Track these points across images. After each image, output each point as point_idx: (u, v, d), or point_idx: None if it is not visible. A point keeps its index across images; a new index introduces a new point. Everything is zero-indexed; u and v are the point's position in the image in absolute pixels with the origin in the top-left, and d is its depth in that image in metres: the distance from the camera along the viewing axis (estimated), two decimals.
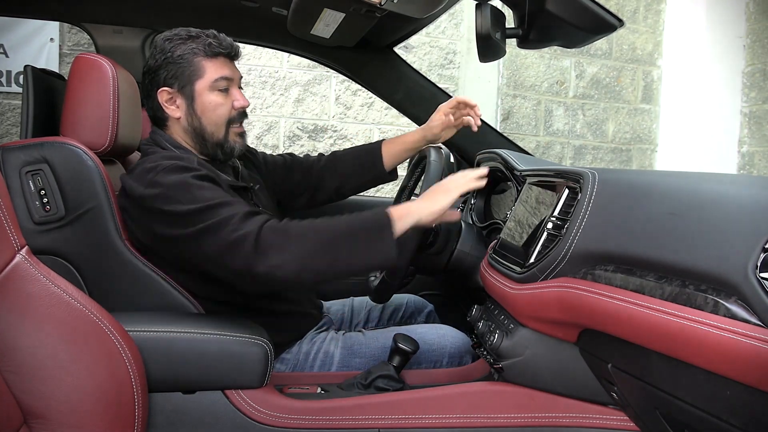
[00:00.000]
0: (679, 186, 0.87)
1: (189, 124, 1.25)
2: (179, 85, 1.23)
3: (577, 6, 1.24)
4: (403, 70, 1.86)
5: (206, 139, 1.26)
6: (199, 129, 1.25)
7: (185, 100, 1.24)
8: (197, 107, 1.24)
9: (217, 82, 1.24)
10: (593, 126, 4.09)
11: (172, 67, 1.22)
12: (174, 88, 1.24)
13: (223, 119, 1.26)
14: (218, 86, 1.24)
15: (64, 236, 1.17)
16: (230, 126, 1.27)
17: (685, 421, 0.81)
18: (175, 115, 1.25)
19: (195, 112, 1.24)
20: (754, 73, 3.93)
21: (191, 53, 1.22)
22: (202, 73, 1.23)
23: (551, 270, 0.96)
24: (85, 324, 0.88)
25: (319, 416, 1.06)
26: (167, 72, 1.23)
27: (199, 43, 1.22)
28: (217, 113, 1.25)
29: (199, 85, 1.23)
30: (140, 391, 0.92)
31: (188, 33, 1.24)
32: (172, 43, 1.23)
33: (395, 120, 3.57)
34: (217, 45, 1.23)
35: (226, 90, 1.25)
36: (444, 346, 1.33)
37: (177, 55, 1.22)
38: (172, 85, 1.24)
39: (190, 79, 1.23)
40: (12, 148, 1.18)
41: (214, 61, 1.24)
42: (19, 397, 0.83)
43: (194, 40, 1.23)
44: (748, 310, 0.66)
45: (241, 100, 1.27)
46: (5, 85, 2.96)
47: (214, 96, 1.24)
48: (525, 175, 1.28)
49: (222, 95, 1.25)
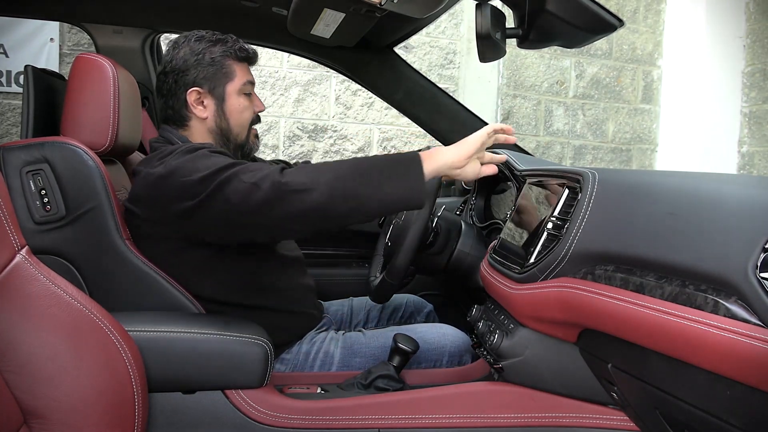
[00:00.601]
0: (679, 186, 0.87)
1: (216, 125, 1.29)
2: (210, 86, 1.26)
3: (577, 6, 1.24)
4: (403, 70, 1.86)
5: (230, 140, 1.30)
6: (226, 130, 1.29)
7: (215, 101, 1.28)
8: (226, 108, 1.28)
9: (245, 85, 1.29)
10: (593, 126, 4.09)
11: (203, 69, 1.25)
12: (204, 89, 1.26)
13: (248, 121, 1.32)
14: (245, 90, 1.29)
15: (65, 236, 1.17)
16: (250, 128, 1.33)
17: (685, 421, 0.81)
18: (201, 116, 1.28)
19: (224, 114, 1.28)
20: (754, 73, 3.93)
21: (222, 56, 1.26)
22: (233, 76, 1.27)
23: (551, 270, 0.96)
24: (85, 324, 0.88)
25: (319, 416, 1.06)
26: (198, 73, 1.25)
27: (228, 47, 1.26)
28: (244, 116, 1.30)
29: (230, 87, 1.27)
30: (140, 391, 0.92)
31: (214, 35, 1.27)
32: (201, 44, 1.25)
33: (395, 120, 3.57)
34: (244, 49, 1.28)
35: (249, 94, 1.31)
36: (444, 346, 1.33)
37: (209, 57, 1.25)
38: (202, 85, 1.26)
39: (221, 82, 1.27)
40: (12, 148, 1.18)
41: (242, 66, 1.29)
42: (19, 397, 0.83)
43: (223, 43, 1.27)
44: (748, 310, 0.66)
45: (259, 104, 1.34)
46: (5, 85, 2.96)
47: (242, 99, 1.29)
48: (525, 175, 1.28)
49: (247, 99, 1.30)
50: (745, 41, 3.99)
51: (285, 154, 3.42)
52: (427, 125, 1.90)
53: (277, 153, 3.41)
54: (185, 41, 1.27)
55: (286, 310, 1.30)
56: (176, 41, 1.28)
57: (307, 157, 3.46)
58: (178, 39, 1.29)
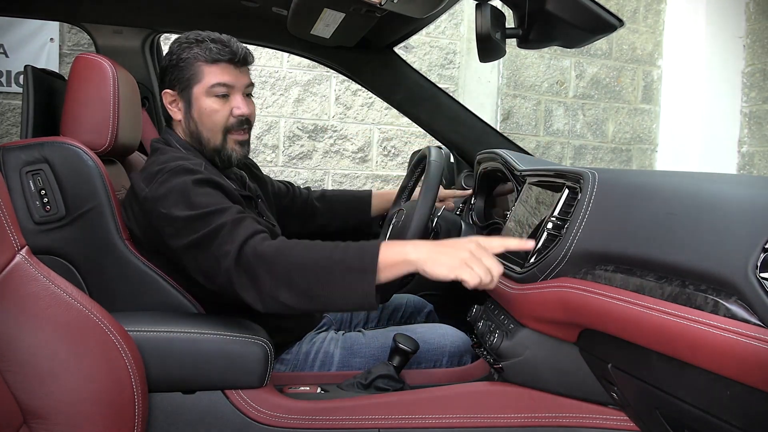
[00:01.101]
0: (679, 186, 0.87)
1: (187, 128, 1.27)
2: (180, 88, 1.25)
3: (577, 6, 1.24)
4: (403, 70, 1.86)
5: (203, 144, 1.26)
6: (196, 133, 1.26)
7: (184, 103, 1.26)
8: (194, 112, 1.25)
9: (213, 87, 1.23)
10: (593, 126, 4.09)
11: (175, 70, 1.24)
12: (176, 91, 1.26)
13: (218, 126, 1.25)
14: (215, 92, 1.23)
15: (65, 236, 1.17)
16: (228, 133, 1.26)
17: (685, 421, 0.81)
18: (176, 117, 1.28)
19: (192, 117, 1.26)
20: (754, 73, 3.93)
21: (193, 58, 1.23)
22: (200, 78, 1.23)
23: (551, 270, 0.96)
24: (85, 324, 0.88)
25: (319, 416, 1.05)
26: (171, 74, 1.25)
27: (202, 48, 1.23)
28: (213, 119, 1.24)
29: (197, 89, 1.24)
30: (140, 391, 0.92)
31: (196, 37, 1.25)
32: (180, 47, 1.24)
33: (395, 120, 3.57)
34: (217, 51, 1.22)
35: (225, 96, 1.24)
36: (444, 346, 1.33)
37: (182, 58, 1.23)
38: (174, 87, 1.26)
39: (188, 83, 1.24)
40: (12, 148, 1.18)
41: (213, 67, 1.23)
42: (19, 397, 0.83)
43: (199, 45, 1.23)
44: (748, 310, 0.66)
45: (242, 107, 1.25)
46: (5, 85, 2.95)
47: (210, 101, 1.24)
48: (525, 175, 1.28)
49: (219, 101, 1.24)
50: (745, 41, 3.99)
51: (285, 154, 3.42)
52: (427, 125, 1.90)
53: (277, 153, 3.41)
54: (174, 42, 1.26)
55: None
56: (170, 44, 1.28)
57: (307, 157, 3.46)
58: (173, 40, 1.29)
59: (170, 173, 1.12)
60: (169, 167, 1.13)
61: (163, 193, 1.10)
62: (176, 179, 1.11)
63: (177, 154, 1.21)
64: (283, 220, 1.58)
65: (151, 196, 1.11)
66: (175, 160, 1.16)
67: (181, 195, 1.09)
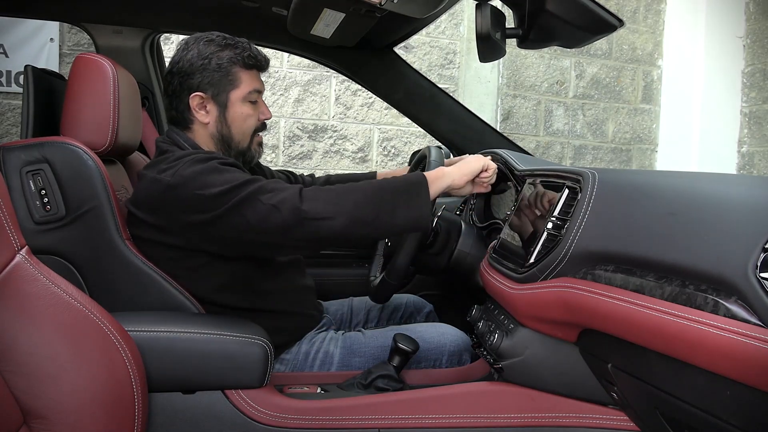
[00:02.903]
0: (679, 186, 0.87)
1: (217, 131, 1.27)
2: (214, 92, 1.24)
3: (577, 6, 1.24)
4: (403, 70, 1.86)
5: (231, 146, 1.28)
6: (227, 137, 1.27)
7: (218, 107, 1.25)
8: (228, 115, 1.26)
9: (250, 94, 1.26)
10: (593, 126, 4.09)
11: (208, 74, 1.23)
12: (207, 94, 1.24)
13: (251, 129, 1.29)
14: (250, 98, 1.27)
15: (65, 236, 1.17)
16: (254, 136, 1.30)
17: (685, 421, 0.81)
18: (203, 120, 1.26)
19: (226, 121, 1.26)
20: (754, 73, 3.93)
21: (229, 62, 1.23)
22: (239, 83, 1.25)
23: (551, 270, 0.96)
24: (85, 324, 0.88)
25: (319, 416, 1.06)
26: (203, 77, 1.23)
27: (236, 53, 1.23)
28: (247, 124, 1.28)
29: (234, 95, 1.25)
30: (140, 391, 0.92)
31: (225, 40, 1.25)
32: (209, 48, 1.23)
33: (395, 120, 3.57)
34: (254, 56, 1.25)
35: (255, 102, 1.28)
36: (443, 345, 1.33)
37: (215, 62, 1.22)
38: (206, 90, 1.24)
39: (225, 88, 1.24)
40: (12, 148, 1.18)
41: (250, 73, 1.26)
42: (19, 397, 0.83)
43: (232, 48, 1.24)
44: (748, 310, 0.66)
45: (266, 112, 1.31)
46: (5, 85, 2.96)
47: (246, 107, 1.27)
48: (525, 175, 1.28)
49: (252, 107, 1.28)
50: (745, 41, 3.99)
51: (285, 154, 3.42)
52: (427, 125, 1.90)
53: (277, 153, 3.42)
54: (195, 43, 1.24)
55: (285, 311, 1.29)
56: (186, 42, 1.26)
57: (307, 157, 3.46)
58: (188, 40, 1.26)
59: (191, 161, 1.13)
60: (189, 157, 1.14)
61: (190, 176, 1.10)
62: (200, 164, 1.12)
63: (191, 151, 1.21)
64: None
65: (177, 181, 1.10)
66: (191, 154, 1.17)
67: (211, 173, 1.11)
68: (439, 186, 1.17)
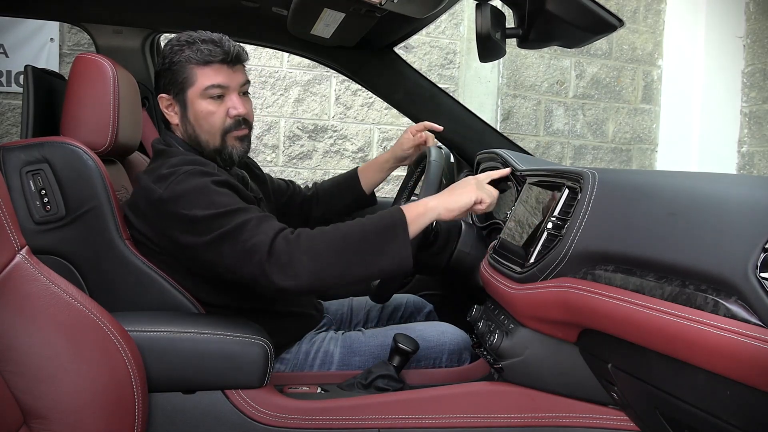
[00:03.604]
0: (679, 186, 0.87)
1: (185, 131, 1.25)
2: (174, 92, 1.23)
3: (577, 6, 1.24)
4: (403, 70, 1.86)
5: (202, 146, 1.25)
6: (194, 136, 1.24)
7: (180, 107, 1.24)
8: (190, 115, 1.23)
9: (207, 89, 1.20)
10: (593, 126, 4.09)
11: (168, 74, 1.22)
12: (170, 95, 1.24)
13: (216, 128, 1.23)
14: (210, 94, 1.21)
15: (65, 236, 1.17)
16: (226, 135, 1.24)
17: (685, 421, 0.81)
18: (174, 122, 1.26)
19: (188, 120, 1.23)
20: (754, 73, 3.93)
21: (185, 60, 1.20)
22: (194, 80, 1.21)
23: (551, 270, 0.96)
24: (85, 324, 0.88)
25: (319, 416, 1.06)
26: (165, 78, 1.23)
27: (193, 50, 1.20)
28: (210, 122, 1.22)
29: (191, 92, 1.22)
30: (140, 391, 0.92)
31: (187, 39, 1.22)
32: (172, 49, 1.22)
33: (395, 120, 3.57)
34: (209, 52, 1.19)
35: (220, 97, 1.22)
36: (443, 344, 1.33)
37: (174, 62, 1.21)
38: (169, 91, 1.24)
39: (182, 87, 1.22)
40: (12, 148, 1.18)
41: (206, 69, 1.20)
42: (19, 397, 0.83)
43: (190, 47, 1.20)
44: (748, 310, 0.66)
45: (238, 107, 1.23)
46: (5, 85, 2.96)
47: (205, 104, 1.21)
48: (525, 175, 1.28)
49: (215, 103, 1.22)
50: (745, 41, 3.99)
51: (285, 154, 3.42)
52: None
53: (277, 153, 3.41)
54: (166, 45, 1.24)
55: (285, 312, 1.30)
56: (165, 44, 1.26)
57: (307, 157, 3.46)
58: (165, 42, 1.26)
59: (186, 174, 1.11)
60: (184, 169, 1.12)
61: (180, 193, 1.09)
62: (194, 180, 1.10)
63: (188, 157, 1.19)
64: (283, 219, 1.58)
65: (168, 196, 1.09)
66: (189, 163, 1.15)
67: (202, 194, 1.09)
68: (420, 224, 1.09)
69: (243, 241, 1.03)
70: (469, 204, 1.12)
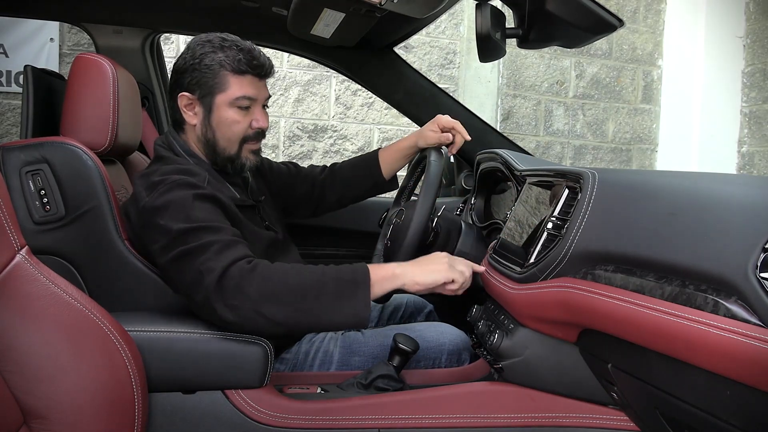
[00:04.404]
0: (679, 186, 0.87)
1: (203, 134, 1.25)
2: (200, 93, 1.22)
3: (577, 6, 1.24)
4: (403, 70, 1.86)
5: (218, 152, 1.25)
6: (212, 141, 1.24)
7: (203, 109, 1.23)
8: (213, 120, 1.23)
9: (238, 99, 1.21)
10: (593, 126, 4.09)
11: (197, 74, 1.20)
12: (195, 95, 1.22)
13: (237, 136, 1.24)
14: (240, 104, 1.22)
15: (64, 236, 1.17)
16: (244, 143, 1.26)
17: (686, 422, 0.81)
18: (191, 122, 1.25)
19: (210, 124, 1.23)
20: (754, 73, 3.93)
21: (218, 65, 1.19)
22: (226, 87, 1.20)
23: (551, 270, 0.96)
24: (85, 324, 0.88)
25: (319, 416, 1.05)
26: (192, 77, 1.21)
27: (230, 56, 1.19)
28: (233, 130, 1.23)
29: (220, 98, 1.21)
30: (140, 391, 0.92)
31: (222, 42, 1.21)
32: (203, 48, 1.20)
33: (395, 120, 3.57)
34: (246, 63, 1.19)
35: (247, 108, 1.23)
36: (443, 344, 1.33)
37: (205, 63, 1.19)
38: (193, 91, 1.22)
39: (211, 91, 1.21)
40: (12, 148, 1.18)
41: (241, 78, 1.21)
42: (19, 397, 0.83)
43: (225, 51, 1.19)
44: (748, 310, 0.66)
45: (261, 120, 1.25)
46: (5, 85, 2.96)
47: (232, 112, 1.22)
48: (525, 175, 1.28)
49: (241, 113, 1.23)
50: (745, 41, 3.99)
51: (285, 154, 3.42)
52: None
53: (277, 153, 3.42)
54: (194, 41, 1.23)
55: None
56: (189, 41, 1.24)
57: (307, 157, 3.46)
58: (192, 39, 1.25)
59: (171, 185, 1.11)
60: (171, 179, 1.12)
61: (161, 204, 1.08)
62: (177, 192, 1.10)
63: (181, 166, 1.19)
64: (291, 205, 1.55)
65: (150, 205, 1.09)
66: (179, 173, 1.15)
67: (180, 208, 1.08)
68: (384, 288, 1.05)
69: (200, 263, 1.01)
70: (438, 283, 1.08)
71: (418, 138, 1.50)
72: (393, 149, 1.56)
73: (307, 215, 1.61)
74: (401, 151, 1.55)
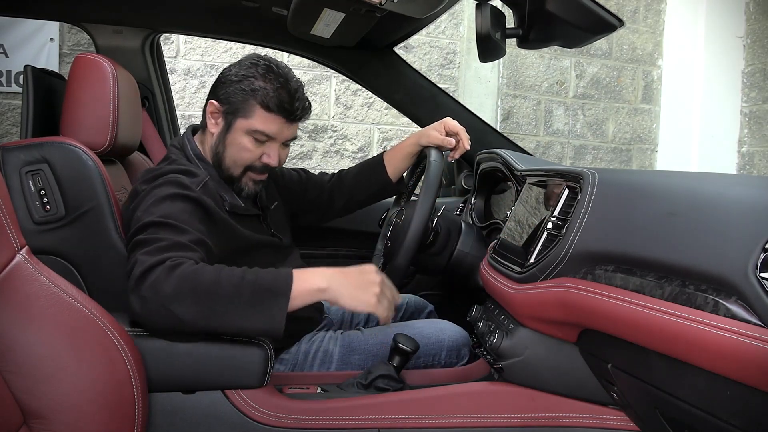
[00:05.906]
0: (679, 186, 0.87)
1: (215, 145, 1.27)
2: (227, 109, 1.24)
3: (577, 6, 1.24)
4: (403, 70, 1.86)
5: (222, 168, 1.27)
6: (220, 155, 1.26)
7: (224, 124, 1.25)
8: (228, 138, 1.25)
9: (256, 132, 1.23)
10: (593, 126, 4.09)
11: (231, 90, 1.22)
12: (222, 108, 1.25)
13: (243, 162, 1.25)
14: (255, 136, 1.23)
15: (64, 236, 1.17)
16: (248, 171, 1.27)
17: (686, 422, 0.81)
18: (211, 129, 1.27)
19: (224, 140, 1.25)
20: (754, 73, 3.93)
21: (251, 92, 1.21)
22: (250, 115, 1.22)
23: (551, 270, 0.96)
24: (85, 324, 0.88)
25: (319, 416, 1.05)
26: (226, 91, 1.23)
27: (266, 89, 1.20)
28: (241, 155, 1.25)
29: (241, 122, 1.23)
30: (140, 391, 0.92)
31: (267, 71, 1.22)
32: (248, 70, 1.22)
33: (395, 120, 3.57)
34: (275, 103, 1.21)
35: (263, 142, 1.24)
36: (442, 340, 1.33)
37: (241, 85, 1.21)
38: (222, 103, 1.24)
39: (236, 112, 1.23)
40: (12, 148, 1.18)
41: (266, 114, 1.22)
42: (19, 397, 0.83)
43: (265, 82, 1.21)
44: (748, 310, 0.66)
45: (272, 158, 1.26)
46: (5, 85, 2.96)
47: (246, 140, 1.23)
48: (525, 175, 1.28)
49: (255, 144, 1.24)
50: (745, 41, 3.99)
51: None
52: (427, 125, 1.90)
53: None
54: (248, 58, 1.25)
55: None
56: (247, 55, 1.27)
57: (307, 157, 3.46)
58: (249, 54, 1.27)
59: (163, 180, 1.14)
60: (168, 177, 1.14)
61: (148, 198, 1.11)
62: (165, 188, 1.12)
63: (181, 167, 1.21)
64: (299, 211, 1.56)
65: (141, 196, 1.13)
66: (176, 172, 1.17)
67: (158, 202, 1.09)
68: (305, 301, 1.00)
69: (140, 254, 0.99)
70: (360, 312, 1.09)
71: (420, 136, 1.50)
72: (397, 150, 1.57)
73: (314, 221, 1.62)
74: (405, 150, 1.55)
